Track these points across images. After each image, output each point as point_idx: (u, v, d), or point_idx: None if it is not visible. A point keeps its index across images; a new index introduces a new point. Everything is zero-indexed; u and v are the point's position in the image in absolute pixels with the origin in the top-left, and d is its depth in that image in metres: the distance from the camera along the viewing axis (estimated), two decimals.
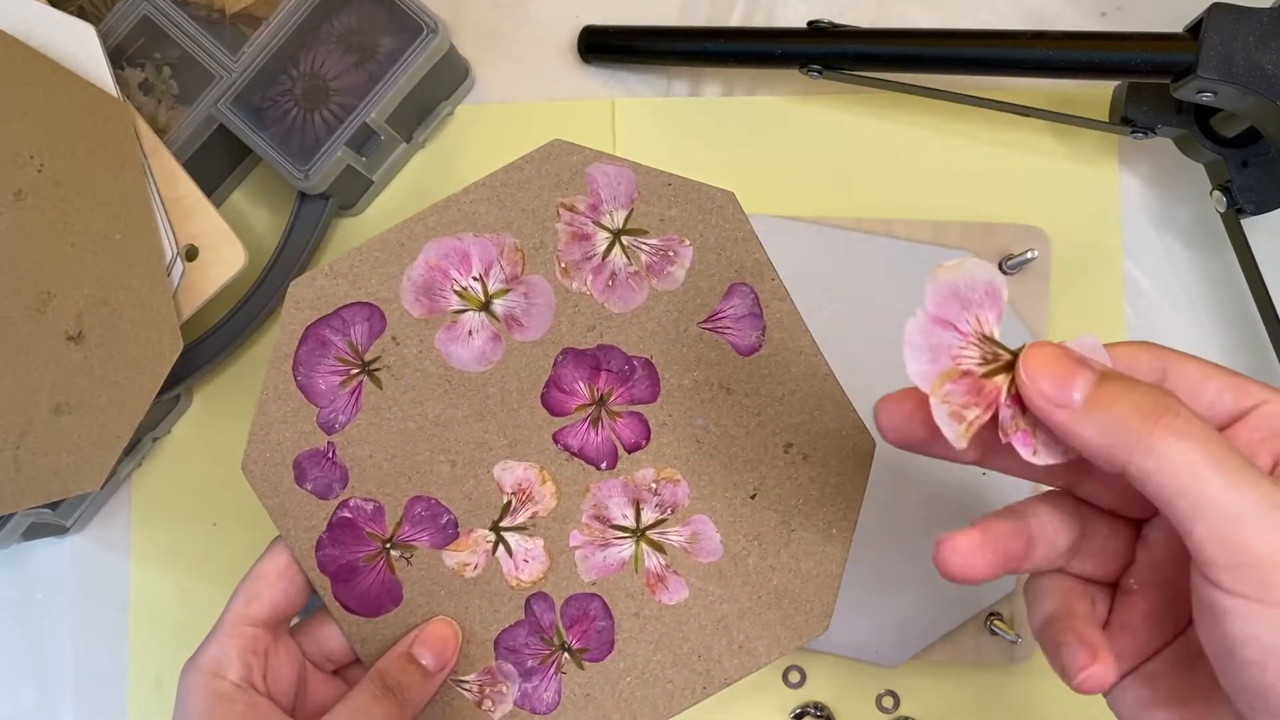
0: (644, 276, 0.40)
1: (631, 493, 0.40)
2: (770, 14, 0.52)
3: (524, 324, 0.39)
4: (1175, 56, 0.42)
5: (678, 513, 0.40)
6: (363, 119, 0.46)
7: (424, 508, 0.39)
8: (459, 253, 0.39)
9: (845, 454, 0.40)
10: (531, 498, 0.40)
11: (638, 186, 0.39)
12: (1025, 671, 0.47)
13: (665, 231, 0.39)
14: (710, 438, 0.40)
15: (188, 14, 0.47)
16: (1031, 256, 0.47)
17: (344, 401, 0.39)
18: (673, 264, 0.39)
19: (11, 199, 0.44)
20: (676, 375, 0.40)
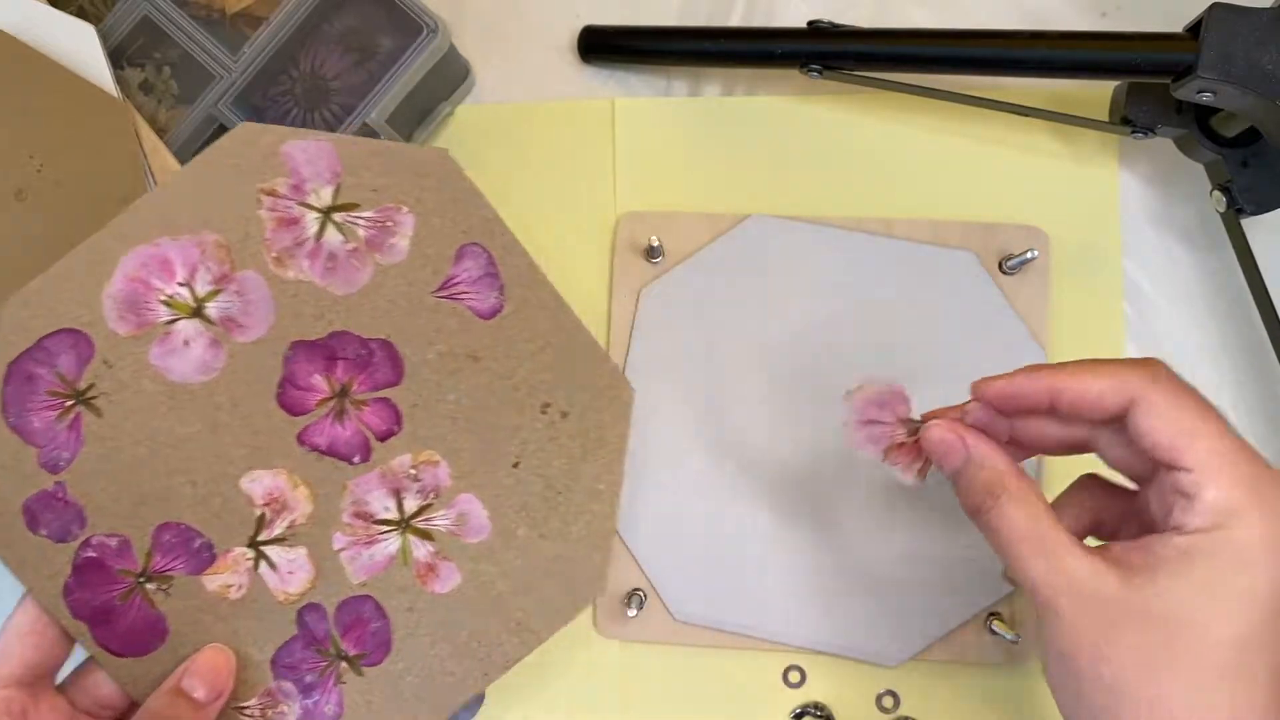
0: (365, 252, 0.37)
1: (391, 483, 0.38)
2: (770, 14, 0.52)
3: (243, 324, 0.37)
4: (1175, 56, 0.42)
5: (441, 495, 0.38)
6: (363, 119, 0.46)
7: (173, 534, 0.37)
8: (158, 260, 0.37)
9: (604, 405, 0.39)
10: (286, 506, 0.38)
11: (340, 159, 0.37)
12: (1025, 672, 0.47)
13: (379, 202, 0.37)
14: (464, 411, 0.38)
15: (188, 14, 0.47)
16: (1031, 256, 0.47)
17: (64, 437, 0.37)
18: (394, 235, 0.37)
19: (12, 198, 0.44)
20: (418, 351, 0.38)
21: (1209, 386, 0.49)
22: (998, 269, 0.48)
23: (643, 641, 0.48)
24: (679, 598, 0.47)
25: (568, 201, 0.51)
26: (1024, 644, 0.46)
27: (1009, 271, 0.48)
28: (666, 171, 0.51)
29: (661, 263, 0.49)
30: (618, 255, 0.50)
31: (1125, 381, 0.33)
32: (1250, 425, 0.49)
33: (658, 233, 0.49)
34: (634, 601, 0.47)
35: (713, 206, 0.50)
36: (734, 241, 0.49)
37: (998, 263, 0.48)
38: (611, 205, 0.51)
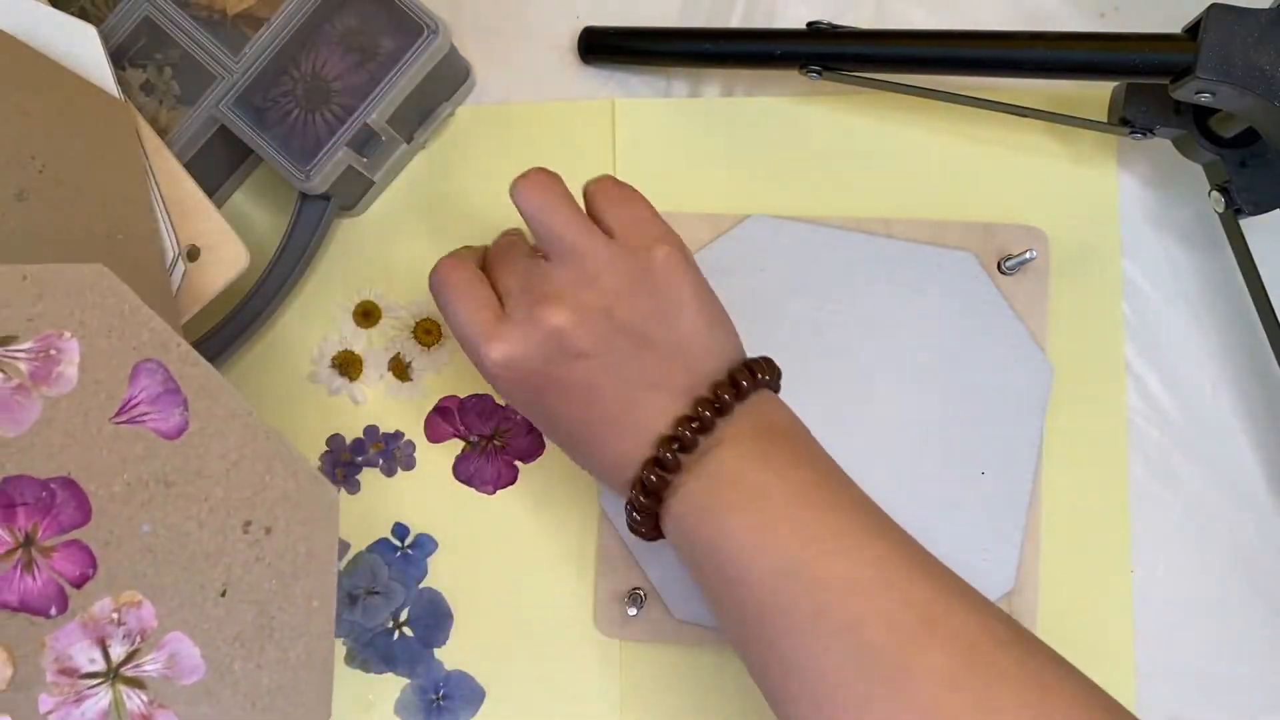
0: (31, 387, 0.35)
1: (94, 631, 0.35)
2: (770, 15, 0.52)
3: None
4: (1174, 57, 0.42)
5: (148, 637, 0.35)
6: (364, 120, 0.46)
7: None
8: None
9: (307, 513, 0.36)
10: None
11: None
12: None
13: (38, 330, 0.35)
14: (162, 542, 0.35)
15: (189, 14, 0.48)
16: (1030, 256, 0.47)
17: None
18: (59, 363, 0.35)
19: (13, 200, 0.44)
20: (103, 485, 0.35)
21: (1207, 386, 0.49)
22: (996, 269, 0.48)
23: (643, 641, 0.48)
24: (679, 598, 0.47)
25: None
26: None
27: (1008, 272, 0.48)
28: (666, 171, 0.51)
29: None
30: None
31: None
32: (1250, 425, 0.49)
33: None
34: (634, 601, 0.47)
35: (713, 206, 0.50)
36: (734, 241, 0.49)
37: (997, 263, 0.48)
38: None
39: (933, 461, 0.47)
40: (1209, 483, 0.49)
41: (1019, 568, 0.47)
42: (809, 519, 0.35)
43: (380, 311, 0.51)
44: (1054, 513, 0.48)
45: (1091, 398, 0.49)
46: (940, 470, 0.47)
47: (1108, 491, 0.49)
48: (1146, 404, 0.49)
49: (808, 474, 0.37)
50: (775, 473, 0.36)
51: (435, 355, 0.51)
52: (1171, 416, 0.49)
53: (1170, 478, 0.49)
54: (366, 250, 0.51)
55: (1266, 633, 0.48)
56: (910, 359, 0.48)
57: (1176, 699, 0.48)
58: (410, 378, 0.51)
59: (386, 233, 0.52)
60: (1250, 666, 0.48)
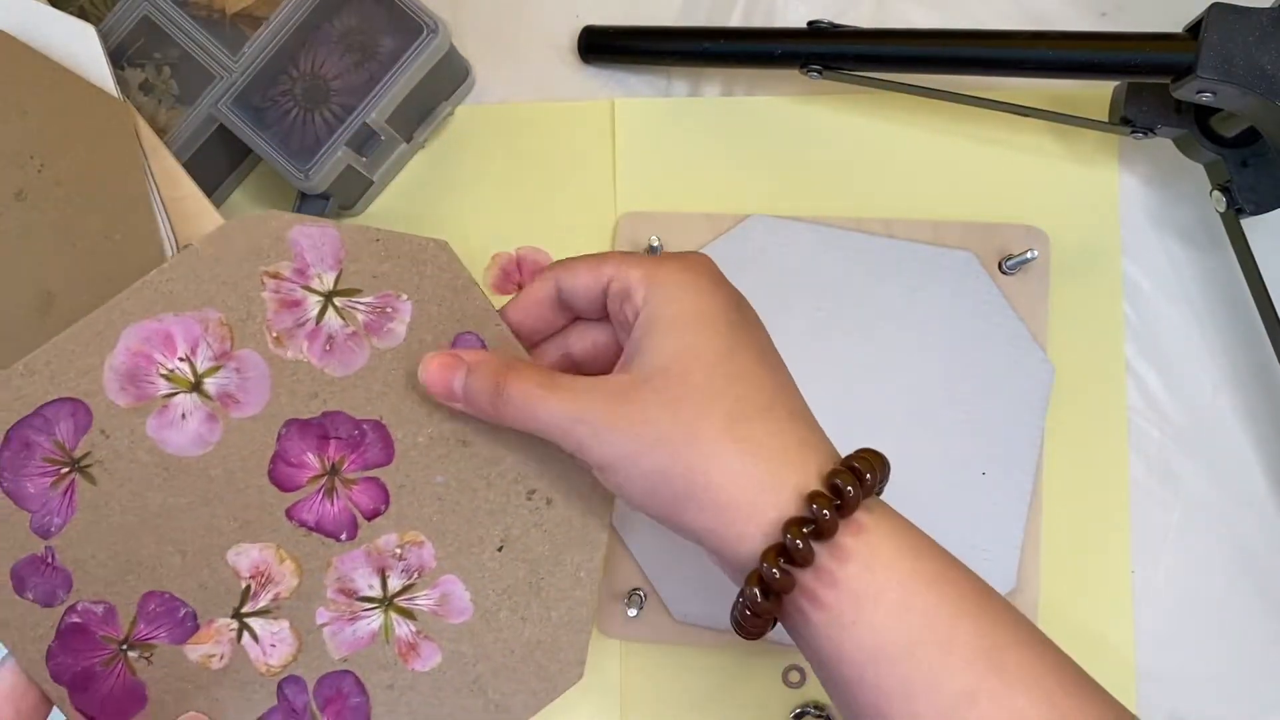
0: (363, 336, 0.38)
1: (376, 561, 0.38)
2: (770, 14, 0.52)
3: (240, 400, 0.38)
4: (1175, 56, 0.42)
5: (425, 575, 0.39)
6: (363, 119, 0.46)
7: (158, 603, 0.38)
8: (160, 335, 0.37)
9: (587, 493, 0.39)
10: (271, 579, 0.38)
11: (344, 245, 0.38)
12: None
13: (380, 288, 0.38)
14: (451, 494, 0.38)
15: (188, 14, 0.47)
16: (1031, 256, 0.47)
17: (57, 503, 0.37)
18: (392, 320, 0.38)
19: (12, 199, 0.44)
20: (410, 434, 0.38)
21: (1208, 386, 0.49)
22: (997, 269, 0.48)
23: (643, 641, 0.48)
24: (679, 598, 0.47)
25: (568, 201, 0.51)
26: None
27: (1009, 271, 0.48)
28: (666, 171, 0.51)
29: None
30: None
31: (604, 263, 0.37)
32: (1250, 425, 0.49)
33: (658, 233, 0.49)
34: (634, 601, 0.47)
35: (713, 206, 0.50)
36: (734, 241, 0.49)
37: (997, 263, 0.48)
38: (611, 205, 0.51)
39: (933, 461, 0.47)
40: (1209, 483, 0.49)
41: (1019, 568, 0.47)
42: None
43: None
44: (1054, 513, 0.48)
45: (1092, 398, 0.49)
46: (941, 470, 0.47)
47: (1108, 491, 0.49)
48: (1147, 404, 0.49)
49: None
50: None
51: None
52: (1171, 416, 0.49)
53: (1170, 478, 0.49)
54: None
55: (1266, 633, 0.48)
56: (910, 359, 0.48)
57: (1176, 699, 0.48)
58: None
59: None
60: (1250, 666, 0.48)
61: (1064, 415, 0.48)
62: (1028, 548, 0.47)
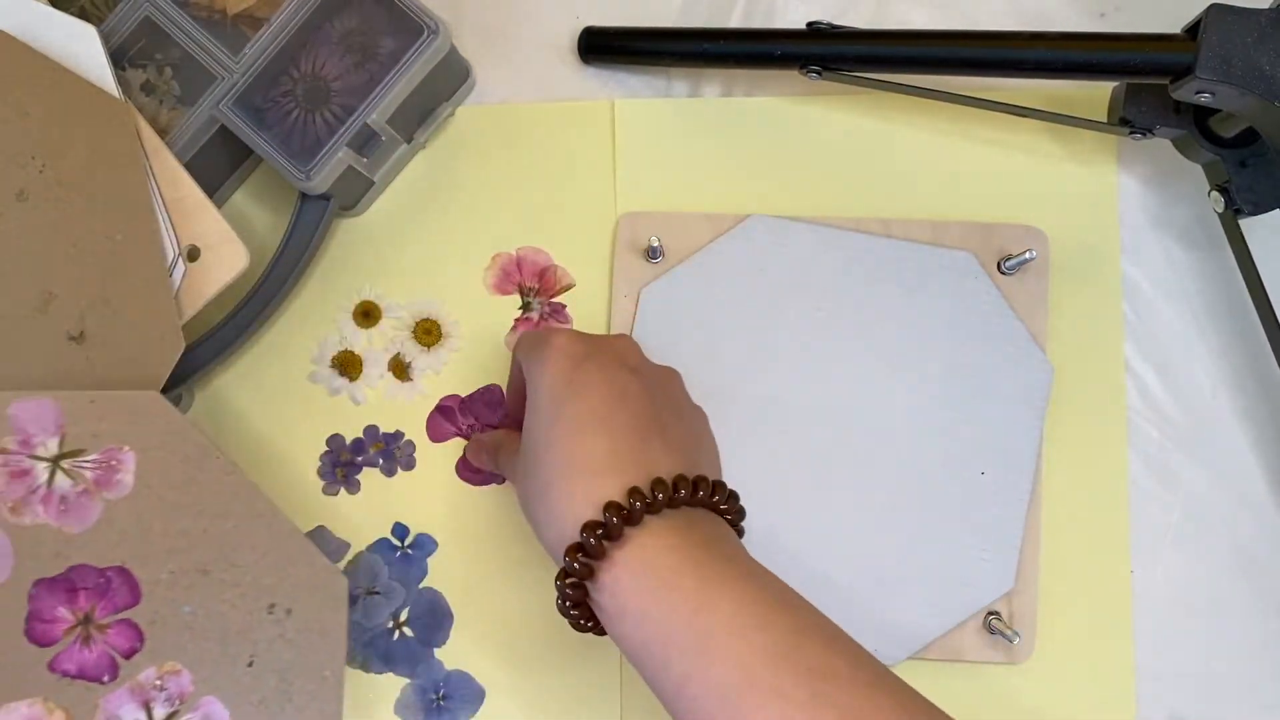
0: (94, 491, 0.41)
1: (140, 695, 0.41)
2: (770, 15, 0.52)
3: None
4: (1174, 57, 0.42)
5: (186, 700, 0.41)
6: (364, 120, 0.46)
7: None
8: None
9: (322, 599, 0.42)
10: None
11: (62, 412, 0.41)
12: (1025, 671, 0.48)
13: (102, 445, 0.41)
14: (200, 621, 0.41)
15: (189, 15, 0.48)
16: (1030, 256, 0.47)
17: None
18: (119, 472, 0.41)
19: (14, 199, 0.44)
20: (152, 573, 0.41)
21: (1207, 386, 0.49)
22: (996, 269, 0.48)
23: None
24: None
25: (568, 201, 0.51)
26: (1024, 643, 0.47)
27: (1008, 272, 0.48)
28: (666, 171, 0.51)
29: (661, 263, 0.49)
30: (618, 255, 0.50)
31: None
32: (1250, 425, 0.49)
33: (658, 233, 0.49)
34: None
35: (713, 206, 0.50)
36: (734, 241, 0.49)
37: (996, 263, 0.48)
38: (611, 205, 0.51)
39: (933, 462, 0.47)
40: (1209, 483, 0.49)
41: (1019, 568, 0.47)
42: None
43: (380, 311, 0.51)
44: (1054, 513, 0.48)
45: (1091, 398, 0.49)
46: (940, 470, 0.47)
47: (1108, 492, 0.49)
48: (1146, 404, 0.49)
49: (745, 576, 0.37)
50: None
51: (435, 355, 0.51)
52: (1171, 416, 0.49)
53: (1170, 478, 0.49)
54: (366, 250, 0.51)
55: (1266, 633, 0.48)
56: (910, 359, 0.48)
57: (1176, 699, 0.48)
58: (410, 378, 0.51)
59: (386, 233, 0.52)
60: (1250, 666, 0.48)
61: (1063, 415, 0.48)
62: (1027, 548, 0.47)
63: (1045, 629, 0.47)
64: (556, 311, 0.51)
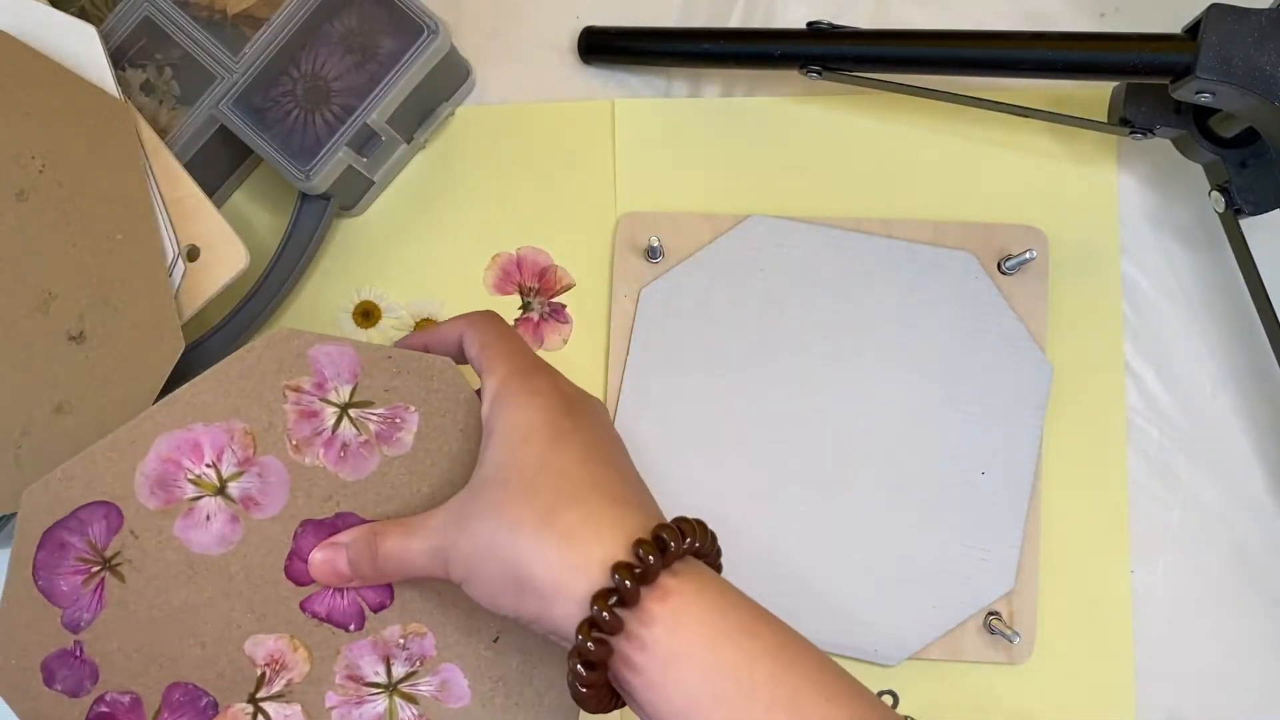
0: (374, 444, 0.41)
1: (382, 650, 0.41)
2: (769, 15, 0.52)
3: (261, 503, 0.41)
4: (1174, 57, 0.42)
5: (427, 663, 0.41)
6: (364, 120, 0.46)
7: (181, 693, 0.40)
8: (190, 443, 0.40)
9: None
10: (285, 666, 0.41)
11: (360, 362, 0.41)
12: (1025, 671, 0.48)
13: (391, 401, 0.41)
14: (451, 590, 0.40)
15: (189, 15, 0.48)
16: (1030, 256, 0.47)
17: (88, 599, 0.40)
18: (401, 430, 0.41)
19: (13, 199, 0.44)
20: None
21: (1207, 386, 0.49)
22: (997, 269, 0.48)
23: None
24: None
25: (568, 201, 0.51)
26: (1023, 643, 0.47)
27: (1008, 272, 0.48)
28: (666, 171, 0.51)
29: (661, 263, 0.49)
30: (618, 255, 0.50)
31: (456, 325, 0.42)
32: (1250, 425, 0.49)
33: (658, 233, 0.49)
34: None
35: (713, 206, 0.50)
36: (734, 241, 0.49)
37: (997, 263, 0.48)
38: (611, 205, 0.51)
39: (933, 461, 0.47)
40: (1209, 483, 0.49)
41: (1019, 568, 0.47)
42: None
43: (380, 311, 0.51)
44: (1054, 513, 0.48)
45: (1091, 398, 0.49)
46: (940, 470, 0.47)
47: (1107, 491, 0.49)
48: (1146, 404, 0.49)
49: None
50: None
51: None
52: (1171, 416, 0.49)
53: (1170, 478, 0.49)
54: (366, 250, 0.51)
55: (1266, 633, 0.48)
56: (910, 359, 0.48)
57: (1176, 699, 0.48)
58: None
59: (386, 233, 0.52)
60: (1250, 666, 0.48)
61: (1063, 415, 0.48)
62: (1027, 547, 0.47)
63: (1045, 629, 0.47)
64: (556, 311, 0.51)
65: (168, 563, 0.40)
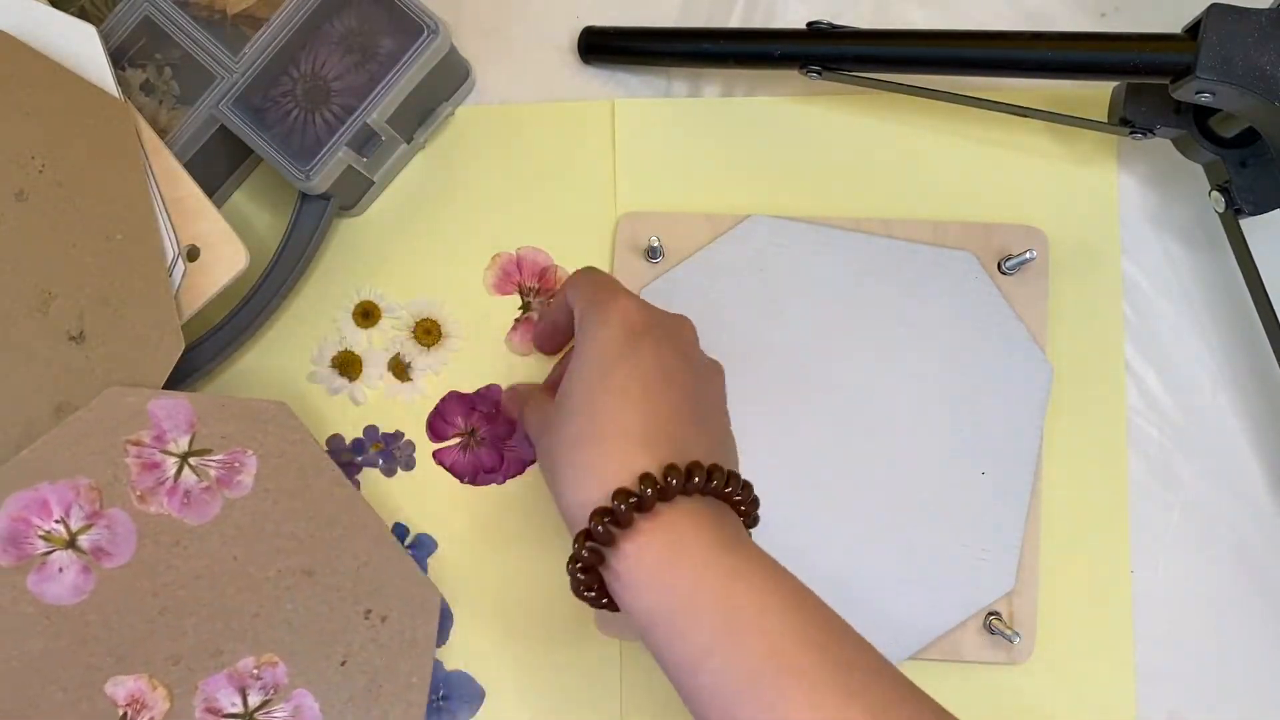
0: (216, 489, 0.44)
1: (237, 681, 0.44)
2: (769, 15, 0.52)
3: (111, 552, 0.43)
4: (1174, 57, 0.42)
5: (280, 691, 0.44)
6: (364, 120, 0.46)
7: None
8: (37, 501, 0.43)
9: (415, 610, 0.45)
10: (145, 705, 0.43)
11: (195, 412, 0.44)
12: (1025, 671, 0.48)
13: (228, 447, 0.44)
14: (300, 619, 0.44)
15: (189, 15, 0.48)
16: (1030, 256, 0.47)
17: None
18: (240, 473, 0.44)
19: (13, 199, 0.44)
20: (261, 569, 0.44)
21: (1207, 386, 0.49)
22: (997, 269, 0.48)
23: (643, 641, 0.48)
24: None
25: (568, 201, 0.51)
26: (1024, 643, 0.47)
27: (1008, 272, 0.48)
28: (666, 171, 0.51)
29: (661, 263, 0.49)
30: (618, 255, 0.50)
31: (562, 291, 0.44)
32: (1250, 425, 0.49)
33: (658, 233, 0.49)
34: None
35: (713, 206, 0.50)
36: (734, 241, 0.49)
37: (997, 263, 0.48)
38: (611, 205, 0.51)
39: (933, 461, 0.47)
40: (1209, 483, 0.49)
41: (1019, 568, 0.47)
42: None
43: (380, 311, 0.51)
44: (1054, 513, 0.48)
45: (1091, 398, 0.49)
46: (940, 470, 0.47)
47: (1108, 491, 0.49)
48: (1146, 404, 0.49)
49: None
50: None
51: (435, 355, 0.51)
52: (1171, 416, 0.49)
53: (1170, 478, 0.49)
54: (366, 250, 0.51)
55: (1266, 633, 0.48)
56: (910, 359, 0.48)
57: (1176, 699, 0.48)
58: (410, 378, 0.51)
59: (386, 233, 0.52)
60: (1250, 666, 0.48)
61: (1063, 415, 0.48)
62: (1027, 548, 0.47)
63: (1045, 629, 0.47)
64: None
65: (23, 615, 0.42)
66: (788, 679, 0.33)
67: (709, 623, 0.34)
